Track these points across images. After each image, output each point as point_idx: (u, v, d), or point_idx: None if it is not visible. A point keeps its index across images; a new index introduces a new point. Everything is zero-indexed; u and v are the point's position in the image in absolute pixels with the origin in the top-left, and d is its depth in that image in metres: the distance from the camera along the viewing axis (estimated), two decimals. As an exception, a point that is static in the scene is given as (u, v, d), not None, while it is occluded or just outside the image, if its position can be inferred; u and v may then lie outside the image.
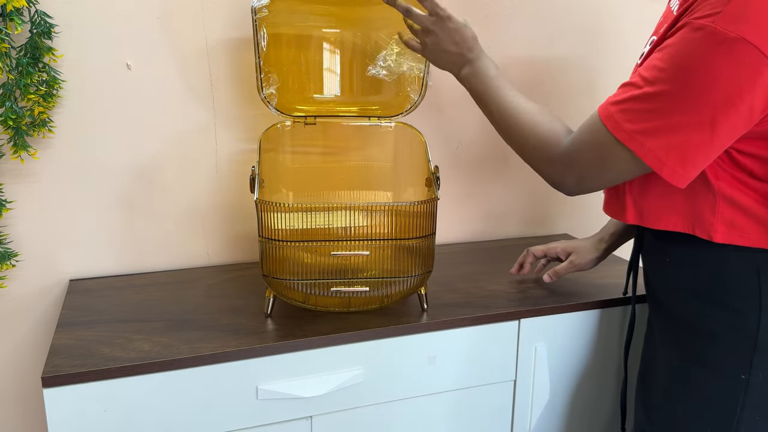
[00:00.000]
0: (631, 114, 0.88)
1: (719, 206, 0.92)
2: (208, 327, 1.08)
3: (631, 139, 0.88)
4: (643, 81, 0.87)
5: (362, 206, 1.08)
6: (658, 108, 0.85)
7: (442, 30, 1.05)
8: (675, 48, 0.84)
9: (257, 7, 1.11)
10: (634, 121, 0.87)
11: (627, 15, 1.60)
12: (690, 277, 0.97)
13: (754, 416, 0.93)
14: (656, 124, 0.86)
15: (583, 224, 1.69)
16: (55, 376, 0.93)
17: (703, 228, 0.93)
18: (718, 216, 0.92)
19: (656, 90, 0.85)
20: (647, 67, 0.87)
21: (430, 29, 1.05)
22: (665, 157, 0.86)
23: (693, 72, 0.82)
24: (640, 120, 0.87)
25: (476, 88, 1.06)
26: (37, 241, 1.27)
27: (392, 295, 1.12)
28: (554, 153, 0.98)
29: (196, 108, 1.31)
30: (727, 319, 0.93)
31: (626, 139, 0.88)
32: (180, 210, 1.35)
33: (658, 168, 0.87)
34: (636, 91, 0.87)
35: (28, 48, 1.14)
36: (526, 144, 1.01)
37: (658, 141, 0.86)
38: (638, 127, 0.87)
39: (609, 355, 1.27)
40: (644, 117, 0.86)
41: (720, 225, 0.92)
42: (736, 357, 0.93)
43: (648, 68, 0.87)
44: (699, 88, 0.82)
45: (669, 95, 0.84)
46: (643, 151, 0.87)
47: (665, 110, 0.85)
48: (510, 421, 1.23)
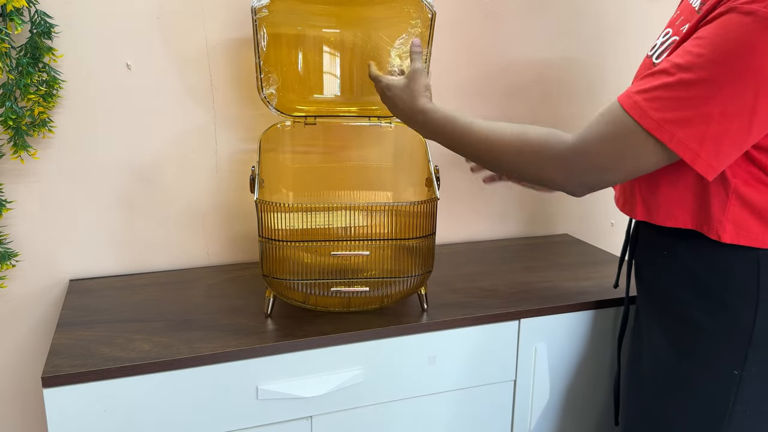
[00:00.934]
0: (661, 102, 0.83)
1: (731, 204, 0.90)
2: (208, 327, 1.08)
3: (660, 128, 0.83)
4: (677, 68, 0.83)
5: (362, 206, 1.08)
6: (694, 96, 0.82)
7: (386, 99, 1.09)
8: (717, 34, 0.80)
9: (257, 7, 1.11)
10: (664, 109, 0.83)
11: (628, 14, 1.60)
12: (686, 272, 0.97)
13: (745, 410, 0.93)
14: (690, 113, 0.82)
15: (583, 224, 1.69)
16: (55, 376, 0.93)
17: (711, 226, 0.92)
18: (728, 214, 0.90)
19: (693, 77, 0.81)
20: (681, 53, 0.84)
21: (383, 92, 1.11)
22: (699, 149, 0.83)
23: (738, 57, 0.79)
24: (670, 108, 0.83)
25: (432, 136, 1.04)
26: (37, 241, 1.27)
27: (392, 295, 1.12)
28: (558, 151, 0.93)
29: (196, 108, 1.31)
30: (722, 315, 0.93)
31: (654, 129, 0.84)
32: (180, 210, 1.35)
33: (691, 159, 0.84)
34: (668, 78, 0.84)
35: (28, 48, 1.14)
36: (521, 157, 0.96)
37: (691, 131, 0.82)
38: (669, 115, 0.83)
39: (609, 355, 1.27)
40: (676, 105, 0.82)
41: (729, 224, 0.91)
42: (730, 352, 0.93)
43: (683, 55, 0.83)
44: (744, 75, 0.79)
45: (709, 82, 0.81)
46: (674, 142, 0.83)
47: (703, 98, 0.81)
48: (510, 421, 1.23)
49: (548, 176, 0.95)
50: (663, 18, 1.25)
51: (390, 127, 1.30)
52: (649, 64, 1.00)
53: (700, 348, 0.95)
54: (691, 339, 0.96)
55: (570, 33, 1.55)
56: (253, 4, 1.12)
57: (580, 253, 1.52)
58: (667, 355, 0.99)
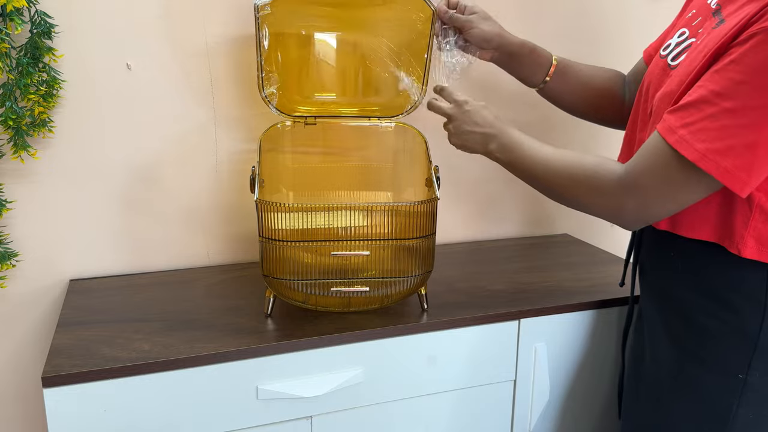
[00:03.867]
0: (706, 133, 0.82)
1: (754, 219, 0.89)
2: (208, 327, 1.08)
3: (705, 159, 0.82)
4: (718, 97, 0.82)
5: (362, 206, 1.08)
6: (738, 124, 0.81)
7: (462, 114, 1.07)
8: (754, 58, 0.80)
9: (260, 5, 1.11)
10: (710, 140, 0.82)
11: (628, 14, 1.60)
12: (696, 276, 0.96)
13: (748, 414, 0.93)
14: (736, 141, 0.81)
15: (583, 224, 1.69)
16: (55, 376, 0.93)
17: (732, 240, 0.91)
18: (751, 230, 0.90)
19: (734, 105, 0.81)
20: (719, 80, 0.82)
21: (450, 115, 1.08)
22: (748, 178, 0.82)
23: None
24: (716, 139, 0.82)
25: (508, 158, 1.04)
26: (37, 241, 1.27)
27: (392, 295, 1.12)
28: (609, 181, 0.93)
29: (196, 108, 1.31)
30: (730, 319, 0.93)
31: (699, 160, 0.83)
32: (180, 210, 1.35)
33: (740, 189, 0.83)
34: (711, 108, 0.82)
35: (28, 48, 1.14)
36: (574, 182, 0.96)
37: (738, 159, 0.81)
38: (714, 146, 0.82)
39: (609, 355, 1.27)
40: (722, 135, 0.82)
41: (750, 239, 0.90)
42: (736, 356, 0.92)
43: (721, 81, 0.82)
44: None
45: (752, 109, 0.80)
46: (719, 172, 0.82)
47: (748, 126, 0.80)
48: (510, 421, 1.23)
49: (598, 206, 0.96)
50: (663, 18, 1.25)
51: (390, 127, 1.30)
52: (664, 65, 0.99)
53: (705, 351, 0.95)
54: (696, 342, 0.96)
55: (570, 33, 1.55)
56: (256, 2, 1.12)
57: (580, 253, 1.52)
58: (670, 357, 0.99)
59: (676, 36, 0.98)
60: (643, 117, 1.02)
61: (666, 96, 0.92)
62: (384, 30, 1.24)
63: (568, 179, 0.97)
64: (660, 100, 0.94)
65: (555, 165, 0.99)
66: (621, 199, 0.92)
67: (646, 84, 1.03)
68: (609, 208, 0.94)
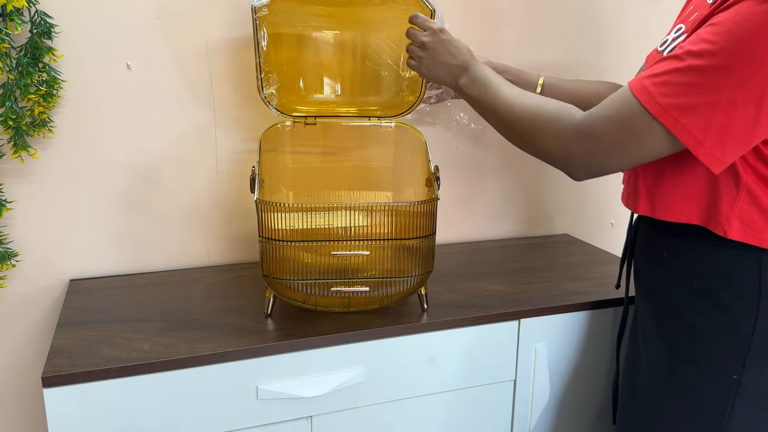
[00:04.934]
0: (669, 87, 0.83)
1: (740, 201, 0.89)
2: (208, 327, 1.08)
3: (665, 114, 0.83)
4: (688, 54, 0.82)
5: (362, 206, 1.08)
6: (702, 83, 0.81)
7: (437, 42, 1.07)
8: (732, 21, 0.79)
9: (257, 6, 1.11)
10: (672, 95, 0.82)
11: (628, 14, 1.60)
12: (688, 273, 0.96)
13: (743, 414, 0.93)
14: (698, 99, 0.81)
15: (583, 224, 1.69)
16: (55, 376, 0.93)
17: (717, 222, 0.90)
18: (737, 211, 0.89)
19: (703, 63, 0.80)
20: (694, 41, 0.82)
21: (424, 42, 1.08)
22: (703, 137, 0.82)
23: (751, 46, 0.78)
24: (678, 94, 0.82)
25: (476, 93, 1.05)
26: (37, 241, 1.27)
27: (392, 295, 1.12)
28: (565, 126, 0.93)
29: (196, 108, 1.31)
30: (722, 319, 0.92)
31: (659, 113, 0.83)
32: (180, 210, 1.35)
33: (695, 147, 0.83)
34: (678, 63, 0.83)
35: (28, 48, 1.14)
36: (533, 123, 0.96)
37: (697, 118, 0.81)
38: (676, 101, 0.82)
39: (609, 355, 1.27)
40: (684, 91, 0.82)
41: (736, 221, 0.89)
42: (730, 357, 0.92)
43: (695, 42, 0.82)
44: (755, 64, 0.78)
45: (718, 70, 0.80)
46: (677, 128, 0.83)
47: (711, 86, 0.80)
48: (510, 421, 1.23)
49: (551, 152, 0.96)
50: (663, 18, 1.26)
51: (390, 127, 1.30)
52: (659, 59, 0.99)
53: (699, 352, 0.95)
54: (690, 342, 0.96)
55: (570, 33, 1.55)
56: (253, 3, 1.12)
57: (580, 253, 1.52)
58: (664, 358, 0.99)
59: (673, 32, 0.98)
60: None
61: None
62: (384, 29, 1.24)
63: (528, 120, 0.97)
64: None
65: (518, 105, 0.99)
66: (574, 144, 0.92)
67: None
68: (560, 153, 0.94)
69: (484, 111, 1.05)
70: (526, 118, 0.98)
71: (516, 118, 0.99)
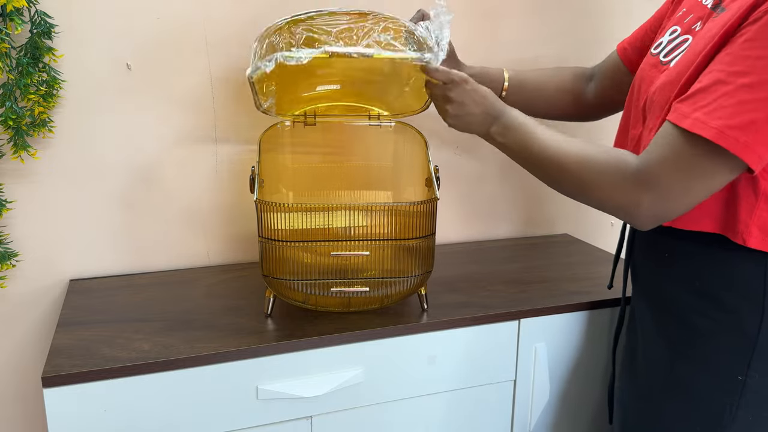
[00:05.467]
0: (722, 111, 0.79)
1: (759, 208, 0.87)
2: (208, 327, 1.08)
3: (722, 136, 0.79)
4: (733, 75, 0.80)
5: (362, 206, 1.08)
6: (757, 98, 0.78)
7: (461, 94, 1.01)
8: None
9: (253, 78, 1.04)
10: (726, 117, 0.79)
11: (629, 15, 1.60)
12: (690, 274, 0.95)
13: (747, 416, 0.93)
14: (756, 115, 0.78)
15: (583, 224, 1.69)
16: (55, 376, 0.93)
17: (736, 230, 0.89)
18: (756, 218, 0.88)
19: (756, 79, 0.78)
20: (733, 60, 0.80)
21: (449, 97, 1.02)
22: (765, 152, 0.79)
23: None
24: (733, 115, 0.79)
25: (510, 141, 1.00)
26: (37, 241, 1.27)
27: (392, 295, 1.12)
28: (624, 176, 0.87)
29: (196, 108, 1.31)
30: (725, 319, 0.92)
31: (717, 137, 0.79)
32: (180, 210, 1.35)
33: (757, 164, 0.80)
34: (726, 87, 0.80)
35: (28, 48, 1.14)
36: (585, 175, 0.91)
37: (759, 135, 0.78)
38: (732, 122, 0.79)
39: (609, 355, 1.27)
40: (740, 110, 0.79)
41: (755, 228, 0.88)
42: (734, 358, 0.92)
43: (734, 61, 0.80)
44: None
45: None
46: (738, 147, 0.79)
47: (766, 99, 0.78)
48: (510, 421, 1.23)
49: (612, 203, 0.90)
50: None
51: (390, 127, 1.30)
52: (655, 62, 0.98)
53: (702, 352, 0.94)
54: (693, 343, 0.95)
55: (570, 33, 1.55)
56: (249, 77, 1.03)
57: (579, 253, 1.52)
58: (665, 358, 0.99)
59: (667, 34, 0.97)
60: (636, 114, 1.01)
61: (667, 85, 0.91)
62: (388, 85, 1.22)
63: (578, 170, 0.92)
64: (660, 89, 0.92)
65: (563, 153, 0.93)
66: (637, 194, 0.86)
67: (638, 82, 1.02)
68: (623, 204, 0.89)
69: (520, 159, 1.00)
70: (575, 168, 0.92)
71: (562, 167, 0.94)
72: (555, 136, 0.96)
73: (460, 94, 1.01)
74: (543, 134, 0.97)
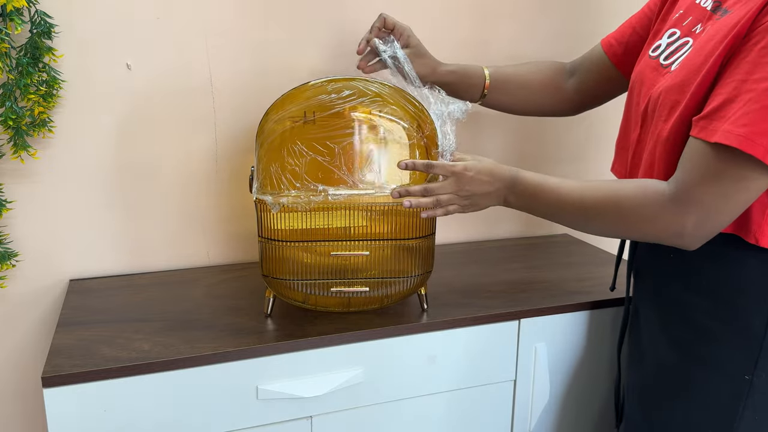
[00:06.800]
0: (748, 117, 0.79)
1: None
2: (208, 327, 1.08)
3: (749, 142, 0.78)
4: (755, 82, 0.79)
5: (362, 206, 1.08)
6: None
7: (466, 183, 0.99)
8: None
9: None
10: (752, 123, 0.79)
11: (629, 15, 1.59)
12: (694, 275, 0.95)
13: (754, 416, 0.93)
14: None
15: (583, 224, 1.69)
16: (55, 376, 0.93)
17: (749, 230, 0.89)
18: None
19: None
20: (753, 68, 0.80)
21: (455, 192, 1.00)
22: None
23: None
24: (759, 120, 0.78)
25: (529, 204, 1.00)
26: (37, 241, 1.27)
27: (392, 295, 1.12)
28: (660, 204, 0.87)
29: (195, 108, 1.31)
30: (732, 319, 0.92)
31: (743, 144, 0.79)
32: (180, 210, 1.35)
33: None
34: (749, 94, 0.80)
35: (28, 48, 1.14)
36: (624, 213, 0.90)
37: None
38: (758, 128, 0.78)
39: (609, 355, 1.27)
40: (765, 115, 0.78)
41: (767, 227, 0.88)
42: (741, 358, 0.92)
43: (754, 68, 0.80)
44: None
45: None
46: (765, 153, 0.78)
47: None
48: (510, 421, 1.23)
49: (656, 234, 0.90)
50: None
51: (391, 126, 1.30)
52: (656, 65, 0.98)
53: (709, 353, 0.94)
54: (699, 343, 0.95)
55: (570, 34, 1.55)
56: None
57: (580, 253, 1.52)
58: (670, 359, 0.98)
59: (665, 37, 0.97)
60: (635, 117, 1.01)
61: (673, 88, 0.91)
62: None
63: (613, 212, 0.92)
64: (665, 92, 0.92)
65: (591, 200, 0.93)
66: (679, 218, 0.86)
67: (637, 85, 1.02)
68: (667, 231, 0.88)
69: (548, 215, 1.00)
70: (609, 211, 0.92)
71: (594, 213, 0.93)
72: (575, 186, 0.95)
73: (466, 184, 0.99)
74: (562, 187, 0.96)
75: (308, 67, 1.35)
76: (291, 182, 1.03)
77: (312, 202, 1.03)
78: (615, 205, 0.92)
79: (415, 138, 1.08)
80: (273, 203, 1.03)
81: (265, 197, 1.03)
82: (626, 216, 0.91)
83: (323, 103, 1.05)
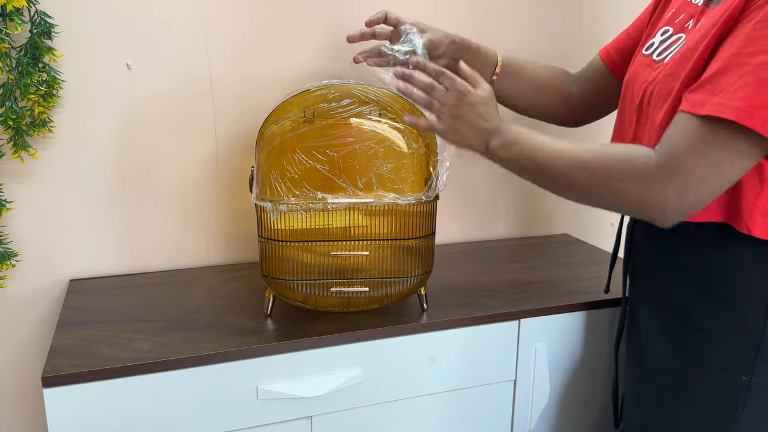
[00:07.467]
0: (744, 90, 0.77)
1: (764, 196, 0.86)
2: (208, 327, 1.09)
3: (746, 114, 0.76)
4: (749, 56, 0.78)
5: (362, 206, 1.08)
6: None
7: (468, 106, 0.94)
8: None
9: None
10: (748, 96, 0.76)
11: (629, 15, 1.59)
12: (692, 275, 0.95)
13: (753, 416, 0.93)
14: None
15: (583, 224, 1.69)
16: (55, 376, 0.93)
17: (740, 219, 0.87)
18: (760, 206, 0.86)
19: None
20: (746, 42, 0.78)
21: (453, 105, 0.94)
22: None
23: None
24: (755, 93, 0.76)
25: (515, 155, 0.93)
26: (37, 241, 1.27)
27: (392, 295, 1.12)
28: (648, 170, 0.84)
29: (195, 108, 1.31)
30: (731, 319, 0.91)
31: (740, 117, 0.77)
32: (180, 210, 1.35)
33: None
34: (743, 68, 0.77)
35: (28, 48, 1.14)
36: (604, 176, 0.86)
37: None
38: (755, 101, 0.76)
39: (609, 355, 1.27)
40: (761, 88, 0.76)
41: (759, 216, 0.86)
42: (739, 358, 0.91)
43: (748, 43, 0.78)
44: None
45: None
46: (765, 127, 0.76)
47: None
48: (510, 421, 1.23)
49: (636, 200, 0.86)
50: (663, 18, 1.25)
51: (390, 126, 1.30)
52: (649, 62, 0.97)
53: (707, 353, 0.94)
54: (697, 343, 0.95)
55: (570, 34, 1.55)
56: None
57: (580, 253, 1.52)
58: (669, 359, 0.98)
59: (659, 35, 0.96)
60: (630, 115, 1.00)
61: (667, 77, 0.90)
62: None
63: (598, 172, 0.87)
64: (660, 82, 0.91)
65: (579, 158, 0.88)
66: (664, 186, 0.82)
67: (630, 83, 1.01)
68: (648, 199, 0.84)
69: (531, 172, 0.94)
70: (594, 170, 0.87)
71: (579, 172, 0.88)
72: (564, 144, 0.91)
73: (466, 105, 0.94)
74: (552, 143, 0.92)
75: (308, 67, 1.35)
76: (290, 190, 1.04)
77: (311, 210, 1.03)
78: (606, 163, 0.87)
79: (415, 146, 1.08)
80: (272, 210, 1.03)
81: (265, 204, 1.04)
82: (610, 177, 0.86)
83: (323, 111, 1.06)
